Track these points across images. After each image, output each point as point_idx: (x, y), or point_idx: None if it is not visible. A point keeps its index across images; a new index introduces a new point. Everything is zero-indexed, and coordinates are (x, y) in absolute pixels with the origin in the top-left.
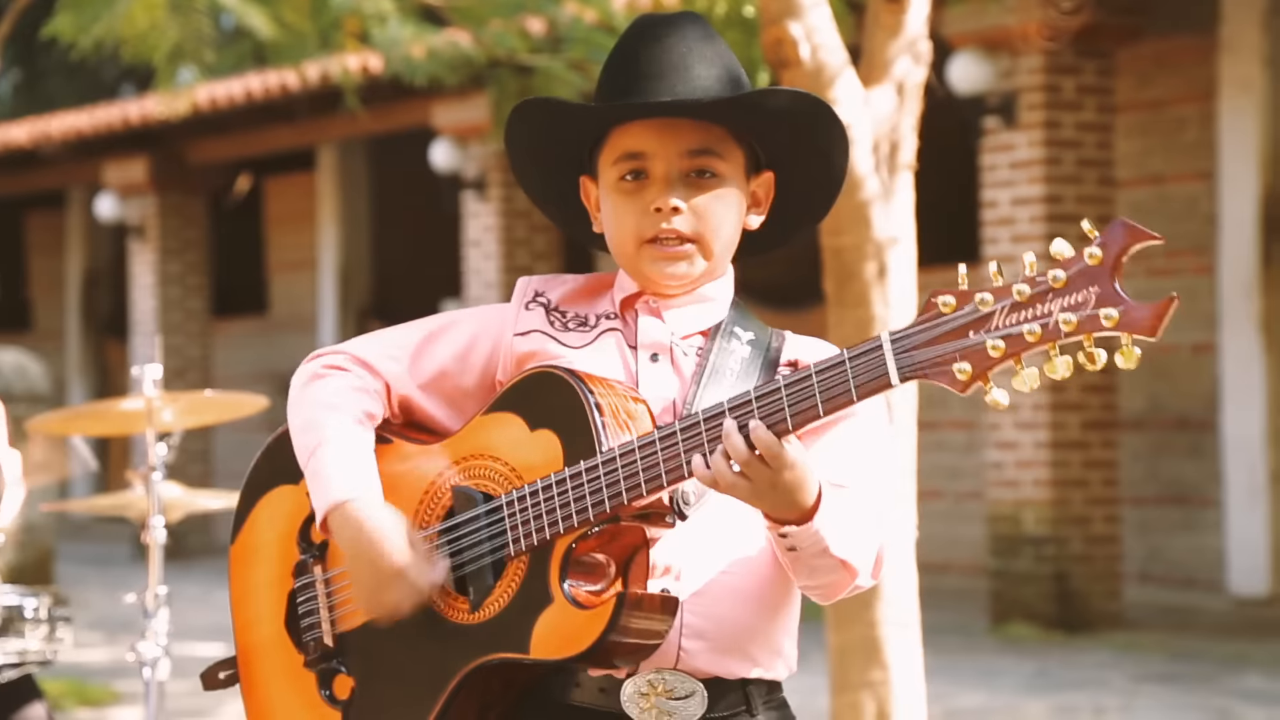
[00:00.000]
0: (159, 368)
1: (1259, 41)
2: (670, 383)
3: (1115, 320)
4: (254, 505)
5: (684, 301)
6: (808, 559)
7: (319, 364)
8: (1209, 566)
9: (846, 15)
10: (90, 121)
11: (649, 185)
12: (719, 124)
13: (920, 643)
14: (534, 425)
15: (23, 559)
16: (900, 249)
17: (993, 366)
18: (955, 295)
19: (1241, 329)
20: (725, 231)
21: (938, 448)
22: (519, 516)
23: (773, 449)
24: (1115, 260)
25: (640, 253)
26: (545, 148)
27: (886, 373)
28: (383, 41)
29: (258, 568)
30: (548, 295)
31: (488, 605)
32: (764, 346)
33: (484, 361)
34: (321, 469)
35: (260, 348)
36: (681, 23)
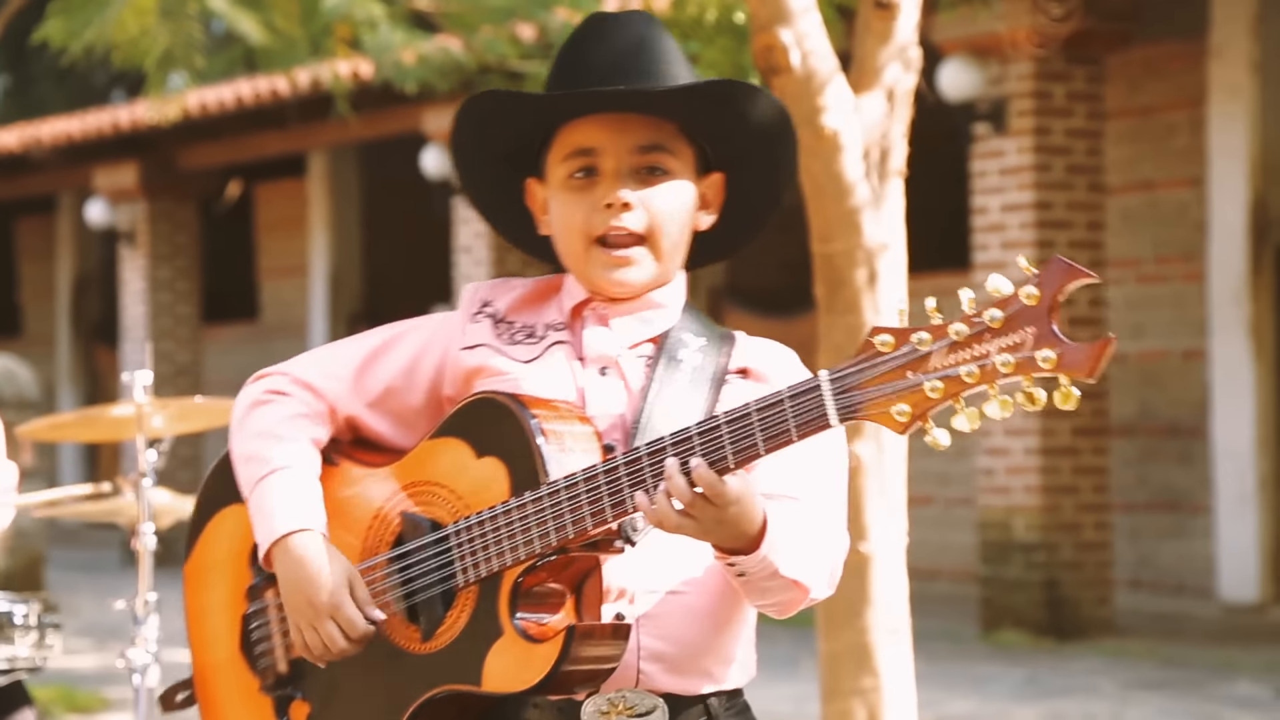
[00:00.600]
0: (149, 373)
1: (1248, 47)
2: (618, 397)
3: (1053, 362)
4: (207, 523)
5: (632, 308)
6: (758, 582)
7: (261, 389)
8: (1199, 573)
9: (837, 22)
10: (81, 127)
11: (599, 182)
12: (671, 119)
13: (911, 649)
14: (480, 452)
15: (12, 565)
16: (891, 255)
17: (932, 407)
18: (893, 334)
19: (1231, 335)
20: (676, 230)
21: (928, 454)
22: (466, 547)
23: (715, 487)
24: (1052, 300)
25: (589, 254)
26: (493, 145)
27: (825, 413)
28: (373, 47)
29: (211, 588)
30: (495, 305)
31: (439, 635)
32: (715, 353)
33: (430, 377)
34: (264, 502)
35: (251, 354)
36: (633, 20)
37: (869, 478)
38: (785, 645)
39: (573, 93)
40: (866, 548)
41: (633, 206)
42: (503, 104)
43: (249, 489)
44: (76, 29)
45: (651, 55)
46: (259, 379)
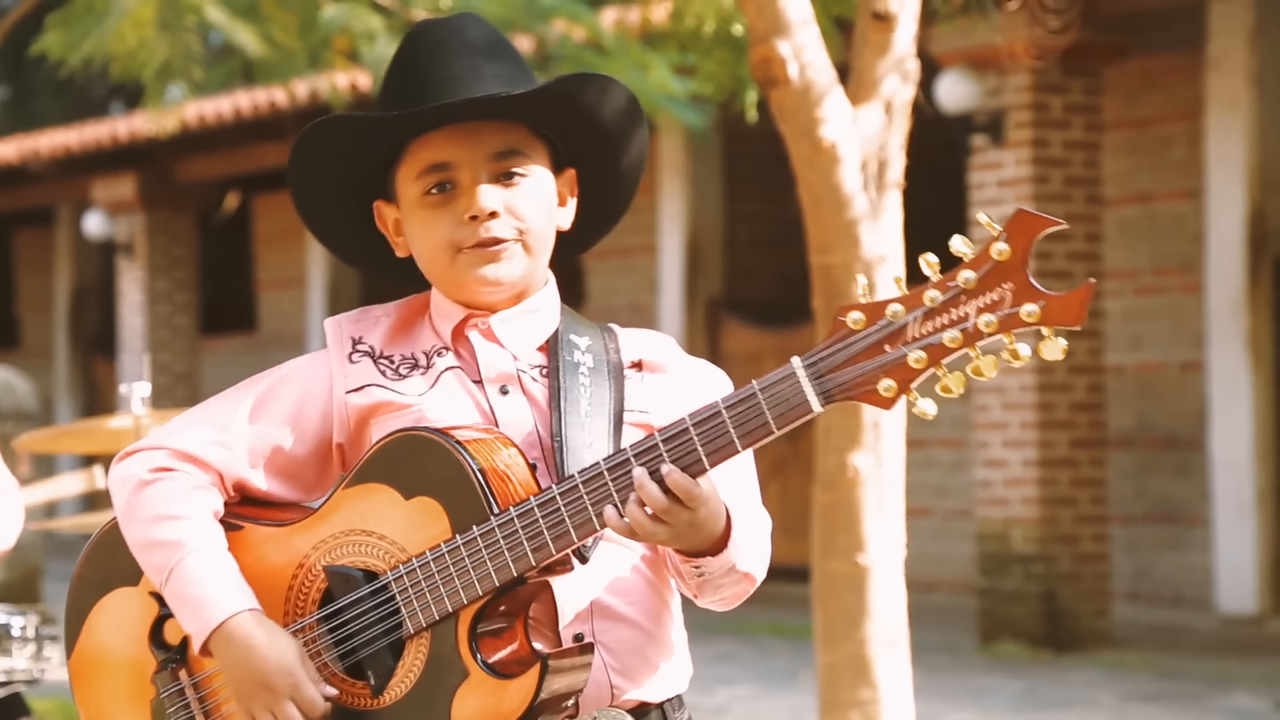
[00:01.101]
0: (147, 385)
1: (1246, 60)
2: (526, 414)
3: (1037, 315)
4: (88, 613)
5: (513, 315)
6: (715, 579)
7: (141, 468)
8: (1197, 585)
9: (834, 34)
10: (79, 139)
11: (458, 195)
12: (521, 120)
13: (909, 661)
14: (409, 494)
15: (10, 577)
16: (888, 267)
17: (915, 378)
18: (863, 309)
19: (1229, 347)
20: (542, 229)
21: (926, 466)
22: (412, 592)
23: (691, 491)
24: (1024, 252)
25: (456, 261)
26: (336, 172)
27: (805, 399)
28: (371, 59)
29: (105, 681)
30: (367, 341)
31: (392, 688)
32: (602, 349)
33: (316, 426)
34: (188, 589)
35: (249, 365)
36: (464, 23)
37: (867, 490)
38: (783, 657)
39: (420, 110)
40: (865, 560)
41: (499, 214)
42: (344, 128)
43: (161, 577)
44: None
45: (489, 58)
46: (132, 455)
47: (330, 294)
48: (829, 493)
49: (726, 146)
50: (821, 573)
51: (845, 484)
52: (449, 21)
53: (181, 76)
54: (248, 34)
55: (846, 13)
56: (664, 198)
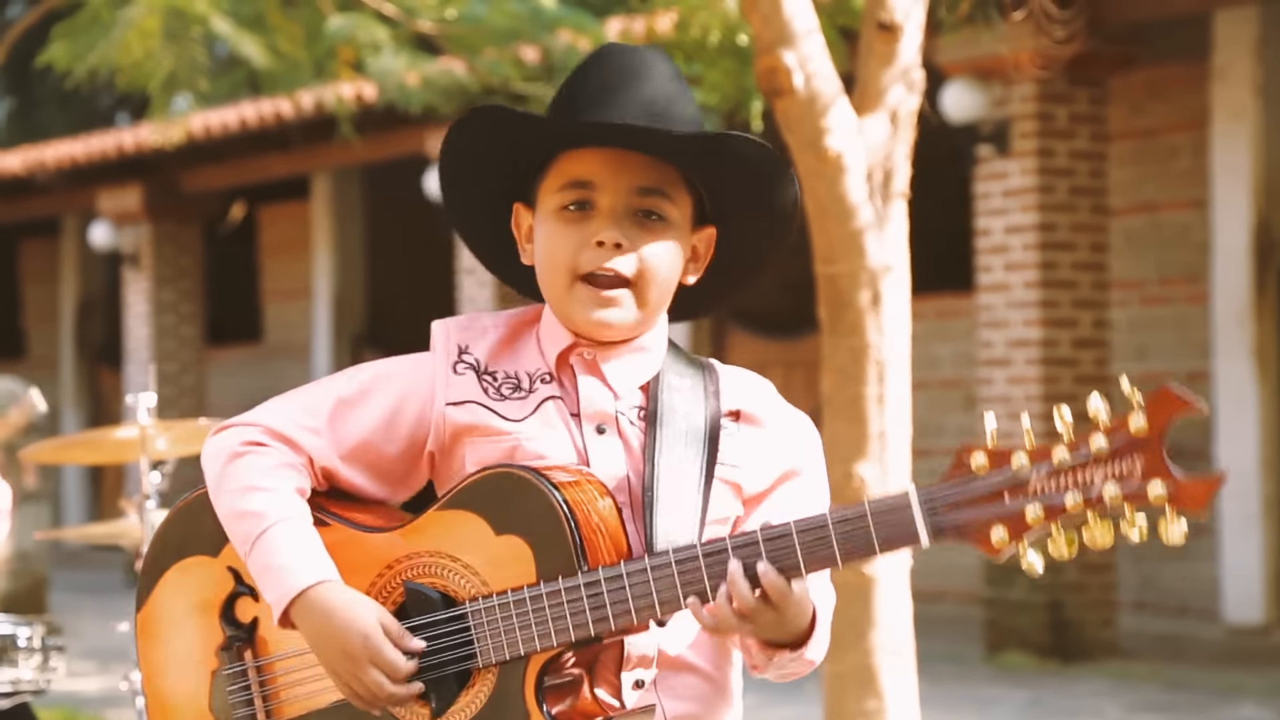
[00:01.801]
0: (153, 396)
1: (1251, 70)
2: (619, 458)
3: (1164, 498)
4: (165, 571)
5: (620, 352)
6: (782, 666)
7: (235, 441)
8: (1203, 595)
9: (840, 44)
10: (85, 149)
11: (593, 217)
12: (677, 164)
13: (915, 671)
14: (499, 529)
15: (16, 588)
16: (894, 277)
17: (1028, 531)
18: (988, 454)
19: (1235, 357)
20: (664, 281)
21: (932, 475)
22: (488, 628)
23: (782, 592)
24: (1162, 430)
25: (573, 290)
26: (486, 162)
27: (915, 532)
28: (377, 70)
29: (173, 640)
30: (474, 354)
31: (452, 714)
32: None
33: (410, 429)
34: (271, 559)
35: (254, 375)
36: (647, 56)
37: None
38: None
39: (583, 122)
40: (871, 570)
41: (625, 249)
42: (506, 121)
43: (246, 546)
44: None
45: (662, 95)
46: (228, 429)
47: (336, 304)
48: (835, 502)
49: None
50: None
51: (851, 494)
52: (635, 50)
53: (187, 87)
54: (253, 45)
55: (852, 23)
56: None
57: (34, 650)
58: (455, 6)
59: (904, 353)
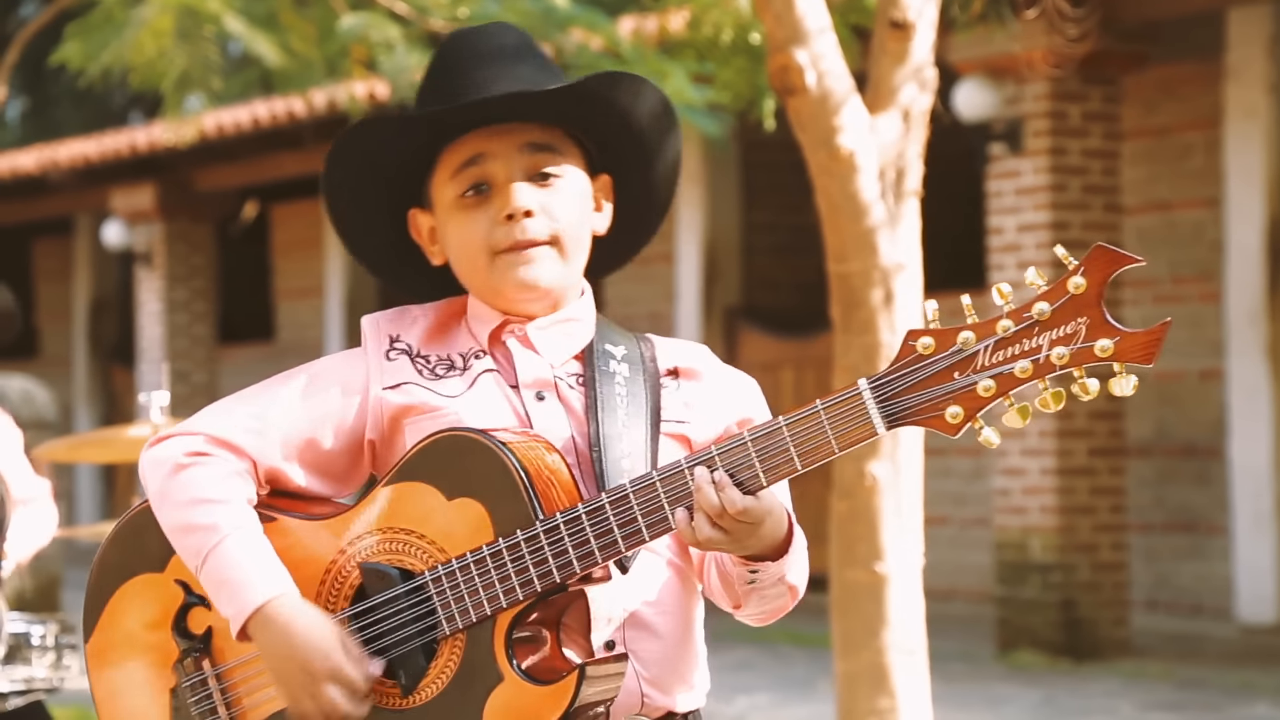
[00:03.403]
0: (166, 394)
1: (1265, 68)
2: (562, 420)
3: (1110, 351)
4: (109, 597)
5: (550, 323)
6: (763, 589)
7: (177, 451)
8: (1217, 594)
9: (852, 42)
10: (98, 149)
11: (493, 196)
12: (554, 122)
13: (927, 670)
14: (451, 494)
15: (29, 586)
16: (906, 275)
17: (983, 406)
18: (934, 335)
19: (1248, 356)
20: (577, 229)
21: (944, 474)
22: (450, 593)
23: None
24: (1100, 287)
25: (494, 264)
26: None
27: (870, 421)
28: (389, 69)
29: (125, 666)
30: (405, 340)
31: (423, 689)
32: (638, 358)
33: (351, 421)
34: (226, 572)
35: (267, 374)
36: (496, 31)
37: (885, 498)
38: (801, 666)
39: (452, 108)
40: (883, 568)
41: (534, 213)
42: (377, 131)
43: (197, 561)
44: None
45: (522, 62)
46: (168, 440)
47: (348, 303)
48: (847, 501)
49: (744, 155)
50: (839, 581)
51: (863, 492)
52: (481, 29)
53: (200, 86)
54: (266, 44)
55: (864, 21)
56: (682, 206)
57: (47, 648)
58: (468, 5)
59: None
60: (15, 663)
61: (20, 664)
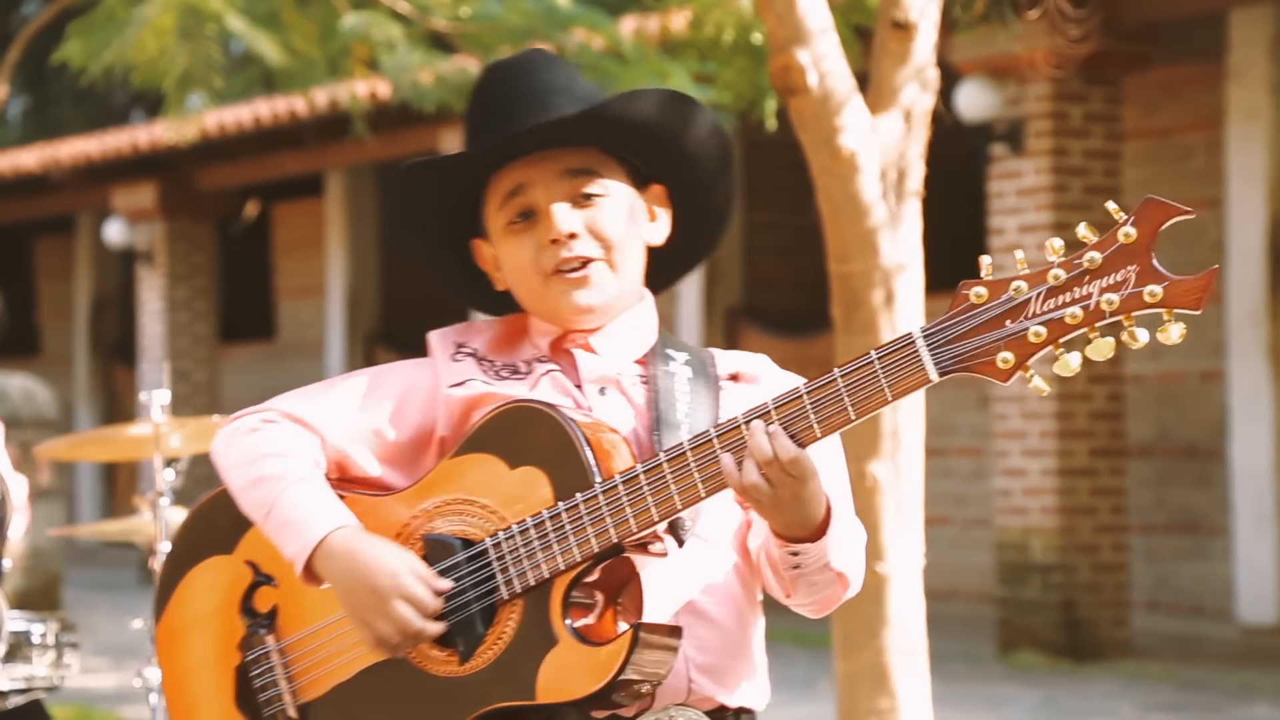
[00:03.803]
0: (167, 393)
1: (1267, 69)
2: (625, 414)
3: (1159, 297)
4: (179, 580)
5: (611, 332)
6: (810, 575)
7: (250, 422)
8: (1217, 595)
9: (854, 42)
10: (99, 147)
11: (539, 221)
12: (591, 144)
13: (928, 670)
14: (514, 463)
15: (30, 584)
16: (908, 276)
17: (1034, 353)
18: (986, 285)
19: (1249, 357)
20: (625, 242)
21: (945, 474)
22: (510, 559)
23: (797, 458)
24: (1150, 237)
25: (548, 287)
26: (426, 215)
27: (924, 369)
28: (391, 68)
29: (193, 647)
30: (470, 345)
31: (480, 654)
32: (699, 364)
33: (418, 418)
34: (287, 516)
35: (268, 373)
36: (531, 61)
37: (886, 498)
38: (802, 666)
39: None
40: (883, 568)
41: (578, 235)
42: (424, 173)
43: (263, 511)
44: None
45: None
46: (240, 417)
47: (349, 302)
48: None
49: (745, 155)
50: None
51: (864, 492)
52: (517, 60)
53: (202, 85)
54: (268, 42)
55: (866, 21)
56: None
57: (48, 647)
58: (470, 4)
59: None
60: (15, 661)
61: (20, 662)
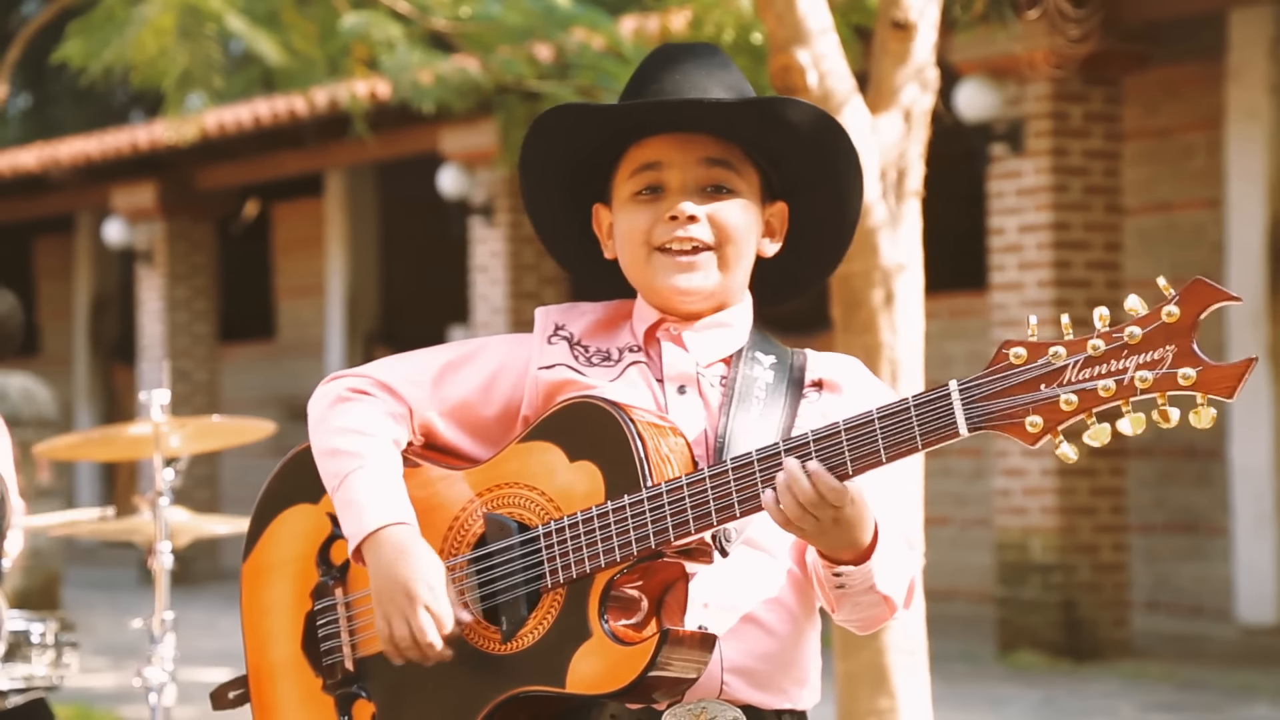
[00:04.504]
0: (166, 393)
1: (1266, 69)
2: (698, 414)
3: (1193, 380)
4: (269, 522)
5: (705, 326)
6: (854, 595)
7: (342, 387)
8: (1217, 595)
9: (854, 42)
10: (99, 147)
11: (665, 197)
12: (738, 137)
13: (927, 670)
14: (573, 456)
15: (29, 584)
16: (907, 276)
17: (1063, 420)
18: (1027, 347)
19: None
20: (740, 241)
21: (945, 474)
22: (558, 548)
23: (834, 489)
24: (1193, 319)
25: (652, 261)
26: (560, 163)
27: (955, 423)
28: (391, 67)
29: (273, 587)
30: (569, 329)
31: (521, 636)
32: (786, 368)
33: (507, 393)
34: (354, 496)
35: (268, 373)
36: (699, 50)
37: None
38: None
39: (642, 102)
40: None
41: (698, 219)
42: (573, 117)
43: (335, 482)
44: (95, 49)
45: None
46: (338, 379)
47: (349, 302)
48: None
49: None
50: None
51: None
52: (687, 46)
53: (202, 85)
54: (268, 42)
55: (866, 21)
56: None
57: (47, 646)
58: (469, 4)
59: (917, 352)
60: (15, 661)
61: (20, 662)
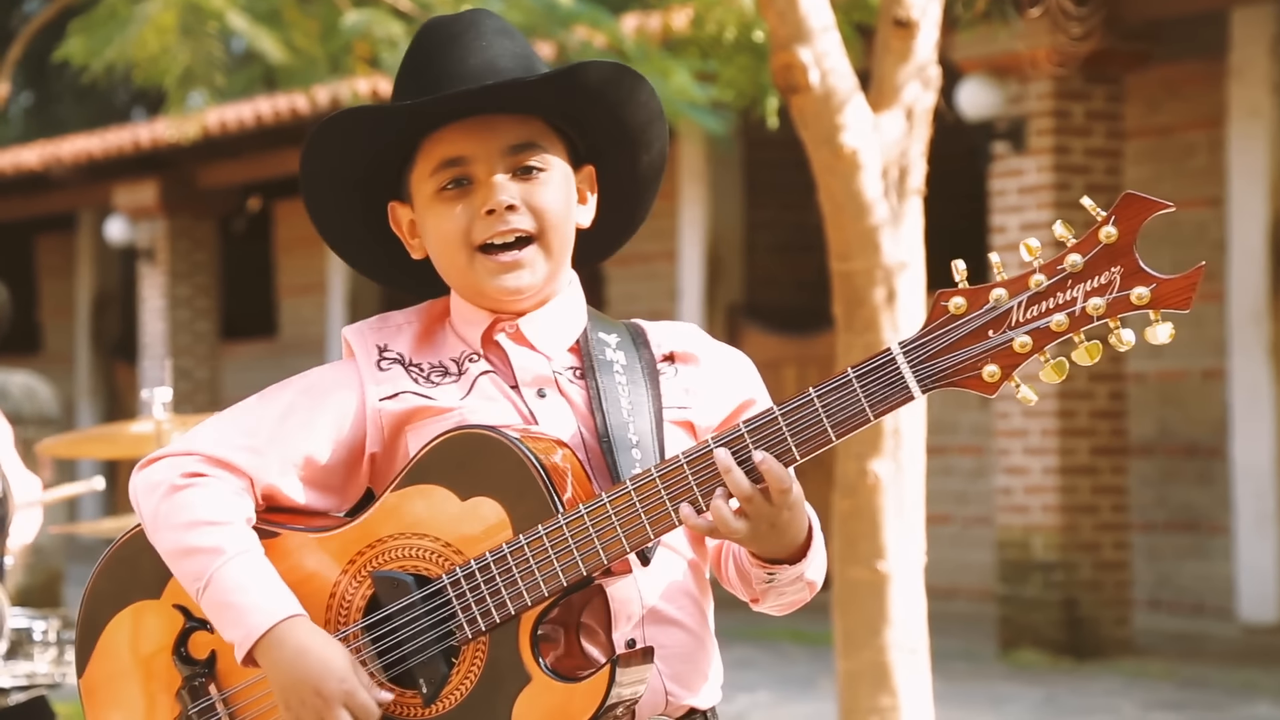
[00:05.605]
0: (168, 391)
1: (1268, 68)
2: (567, 416)
3: (1147, 299)
4: (103, 629)
5: (540, 316)
6: (781, 587)
7: (173, 473)
8: (1219, 593)
9: (856, 40)
10: (101, 145)
11: (474, 190)
12: (536, 113)
13: (929, 668)
14: (465, 494)
15: (31, 581)
16: (909, 274)
17: (1019, 363)
18: (965, 295)
19: (1251, 355)
20: (562, 225)
21: (946, 472)
22: (470, 595)
23: (783, 482)
24: (1132, 235)
25: (474, 264)
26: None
27: (906, 386)
28: (392, 65)
29: (124, 697)
30: (394, 349)
31: (446, 696)
32: (632, 345)
33: (349, 435)
34: (229, 598)
35: (269, 371)
36: (475, 20)
37: (887, 497)
38: (803, 664)
39: (432, 99)
40: (884, 567)
41: (517, 208)
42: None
43: (198, 584)
44: (97, 47)
45: (502, 51)
46: (160, 461)
47: (351, 300)
48: (849, 499)
49: (747, 153)
50: (841, 579)
51: (865, 490)
52: (460, 17)
53: (203, 83)
54: (269, 40)
55: (868, 19)
56: (684, 204)
57: (49, 644)
58: (471, 2)
59: None
60: (17, 658)
61: (22, 659)
